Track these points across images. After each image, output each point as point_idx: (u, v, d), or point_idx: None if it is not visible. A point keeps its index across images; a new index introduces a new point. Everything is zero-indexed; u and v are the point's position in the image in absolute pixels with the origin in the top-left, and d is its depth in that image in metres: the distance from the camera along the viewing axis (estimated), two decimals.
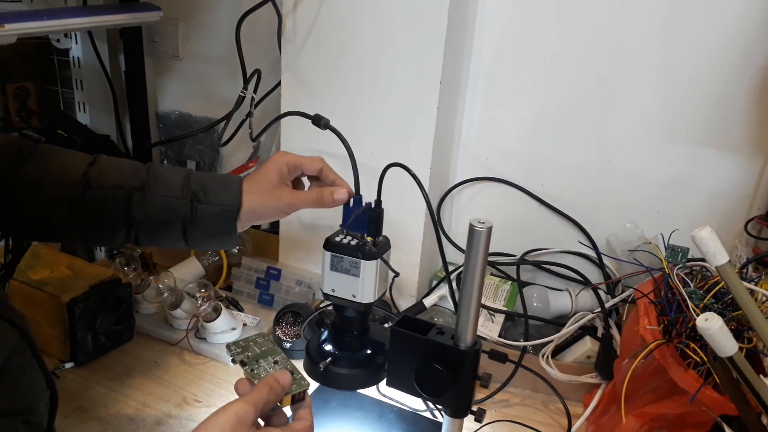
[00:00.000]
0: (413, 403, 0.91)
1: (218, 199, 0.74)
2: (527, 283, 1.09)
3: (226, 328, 1.03)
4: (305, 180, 0.81)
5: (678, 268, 0.84)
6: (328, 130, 0.84)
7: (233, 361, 0.70)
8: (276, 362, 0.69)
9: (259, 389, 0.61)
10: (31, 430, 0.58)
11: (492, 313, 1.01)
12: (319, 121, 0.80)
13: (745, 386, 0.61)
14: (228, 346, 0.71)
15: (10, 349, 0.56)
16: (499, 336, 0.99)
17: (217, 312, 1.02)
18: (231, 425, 0.56)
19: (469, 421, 0.73)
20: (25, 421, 0.57)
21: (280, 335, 1.04)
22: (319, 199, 0.75)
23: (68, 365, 0.96)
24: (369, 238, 0.73)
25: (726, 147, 0.97)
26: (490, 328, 0.99)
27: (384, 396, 0.92)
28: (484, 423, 0.85)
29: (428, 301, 1.05)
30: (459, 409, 0.72)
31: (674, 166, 1.01)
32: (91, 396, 0.91)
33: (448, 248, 1.18)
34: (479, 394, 0.95)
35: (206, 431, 0.56)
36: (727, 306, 0.76)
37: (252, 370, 0.68)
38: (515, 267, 1.08)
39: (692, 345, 0.73)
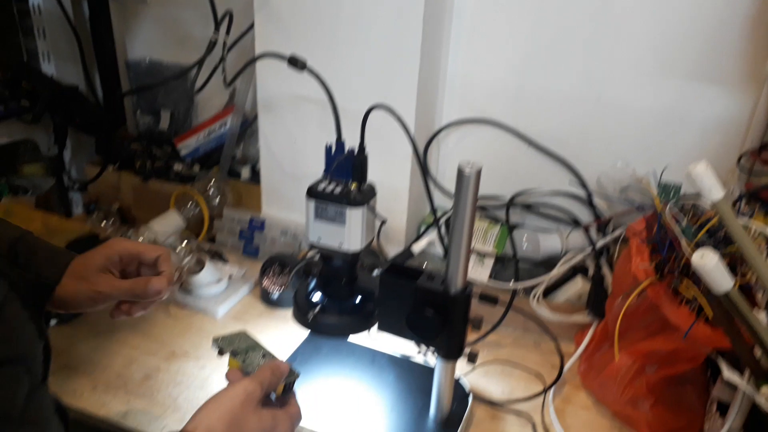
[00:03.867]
0: (404, 348, 0.91)
1: (37, 268, 0.69)
2: (517, 226, 1.07)
3: (211, 281, 1.01)
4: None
5: (670, 205, 0.82)
6: (305, 73, 0.80)
7: (221, 352, 0.69)
8: (264, 355, 0.69)
9: (263, 371, 0.63)
10: (32, 379, 0.57)
11: (482, 256, 1.00)
12: (296, 63, 0.76)
13: (738, 320, 0.61)
14: (215, 339, 0.70)
15: (2, 299, 0.54)
16: (490, 279, 0.98)
17: (201, 265, 1.00)
18: (240, 400, 0.57)
19: (461, 363, 0.73)
20: (26, 371, 0.56)
21: (268, 286, 1.02)
22: (133, 288, 0.71)
23: (52, 323, 0.94)
24: (354, 185, 0.71)
25: (719, 80, 0.94)
26: (479, 272, 0.99)
27: (375, 342, 0.92)
28: (477, 364, 0.86)
29: (417, 248, 1.04)
30: (452, 351, 0.72)
31: (666, 100, 0.98)
32: (76, 353, 0.90)
33: (436, 193, 1.16)
34: (471, 336, 0.95)
35: (216, 403, 0.57)
36: (719, 242, 0.75)
37: (243, 360, 0.67)
38: (504, 209, 1.06)
39: (685, 281, 0.72)
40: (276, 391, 0.65)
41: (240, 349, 0.69)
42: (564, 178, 1.07)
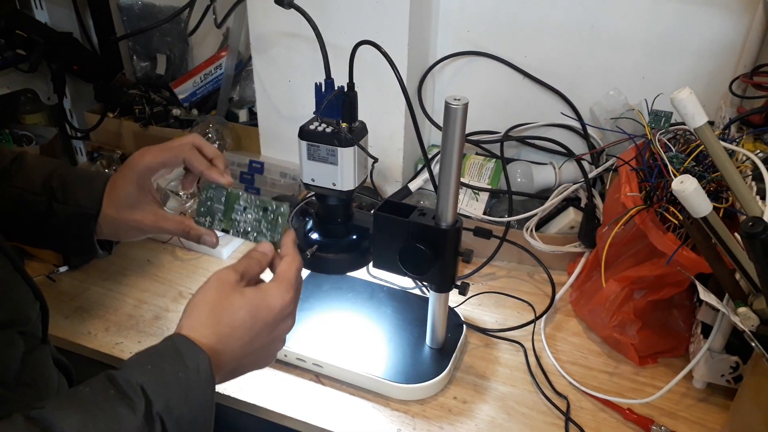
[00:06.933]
0: (401, 281, 0.94)
1: (76, 199, 0.68)
2: (512, 160, 1.08)
3: None
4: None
5: (661, 133, 0.83)
6: (295, 11, 0.79)
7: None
8: (245, 208, 0.68)
9: (242, 260, 0.62)
10: (28, 340, 0.60)
11: (476, 192, 1.02)
12: (282, 0, 0.75)
13: (719, 245, 0.62)
14: (195, 221, 0.69)
15: None
16: (484, 213, 1.00)
17: None
18: (214, 287, 0.56)
19: (456, 294, 0.76)
20: (20, 332, 0.59)
21: None
22: (175, 230, 0.71)
23: (62, 269, 0.98)
24: (344, 124, 0.72)
25: (713, 3, 0.92)
26: (474, 207, 1.00)
27: (374, 277, 0.95)
28: (469, 295, 0.89)
29: (413, 185, 1.05)
30: (443, 284, 0.74)
31: (661, 26, 0.96)
32: (88, 297, 0.94)
33: (432, 130, 1.16)
34: (466, 269, 0.98)
35: (193, 302, 0.56)
36: (707, 168, 0.75)
37: (239, 230, 0.67)
38: (499, 144, 1.07)
39: (671, 209, 0.74)
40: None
41: (224, 219, 0.69)
42: (558, 110, 1.06)
